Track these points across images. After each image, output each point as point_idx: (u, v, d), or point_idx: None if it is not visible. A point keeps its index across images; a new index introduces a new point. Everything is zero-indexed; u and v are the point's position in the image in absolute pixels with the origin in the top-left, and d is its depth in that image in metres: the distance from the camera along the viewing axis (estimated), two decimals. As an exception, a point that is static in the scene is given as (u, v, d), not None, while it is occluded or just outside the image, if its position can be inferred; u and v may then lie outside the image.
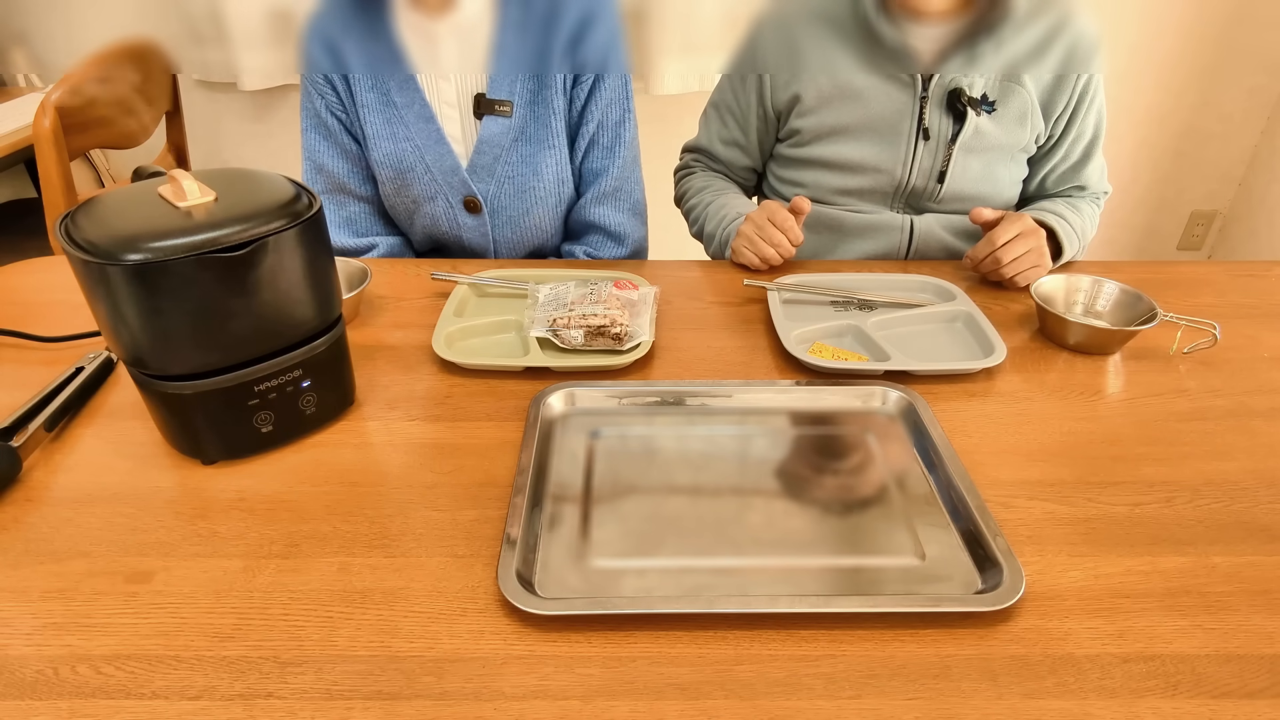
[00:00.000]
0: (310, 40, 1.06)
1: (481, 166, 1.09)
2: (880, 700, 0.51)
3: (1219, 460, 0.73)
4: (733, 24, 1.16)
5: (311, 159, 1.11)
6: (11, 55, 2.01)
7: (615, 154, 1.13)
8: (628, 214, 1.17)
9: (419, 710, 0.50)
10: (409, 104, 1.06)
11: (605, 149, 1.13)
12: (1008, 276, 1.00)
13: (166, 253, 0.59)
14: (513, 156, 1.09)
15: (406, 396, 0.80)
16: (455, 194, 1.10)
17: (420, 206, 1.12)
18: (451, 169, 1.08)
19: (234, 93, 2.14)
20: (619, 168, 1.14)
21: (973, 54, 1.03)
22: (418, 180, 1.09)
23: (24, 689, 0.51)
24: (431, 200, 1.11)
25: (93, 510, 0.66)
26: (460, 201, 1.11)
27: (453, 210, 1.12)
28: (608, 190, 1.14)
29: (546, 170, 1.10)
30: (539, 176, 1.10)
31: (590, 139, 1.12)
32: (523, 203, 1.12)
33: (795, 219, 1.03)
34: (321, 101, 1.07)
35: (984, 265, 1.01)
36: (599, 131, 1.12)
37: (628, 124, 1.13)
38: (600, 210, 1.15)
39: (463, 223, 1.13)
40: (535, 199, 1.12)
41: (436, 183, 1.09)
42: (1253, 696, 0.51)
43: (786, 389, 0.81)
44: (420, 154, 1.07)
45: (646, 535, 0.64)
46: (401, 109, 1.06)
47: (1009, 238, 0.98)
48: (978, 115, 1.04)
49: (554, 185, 1.12)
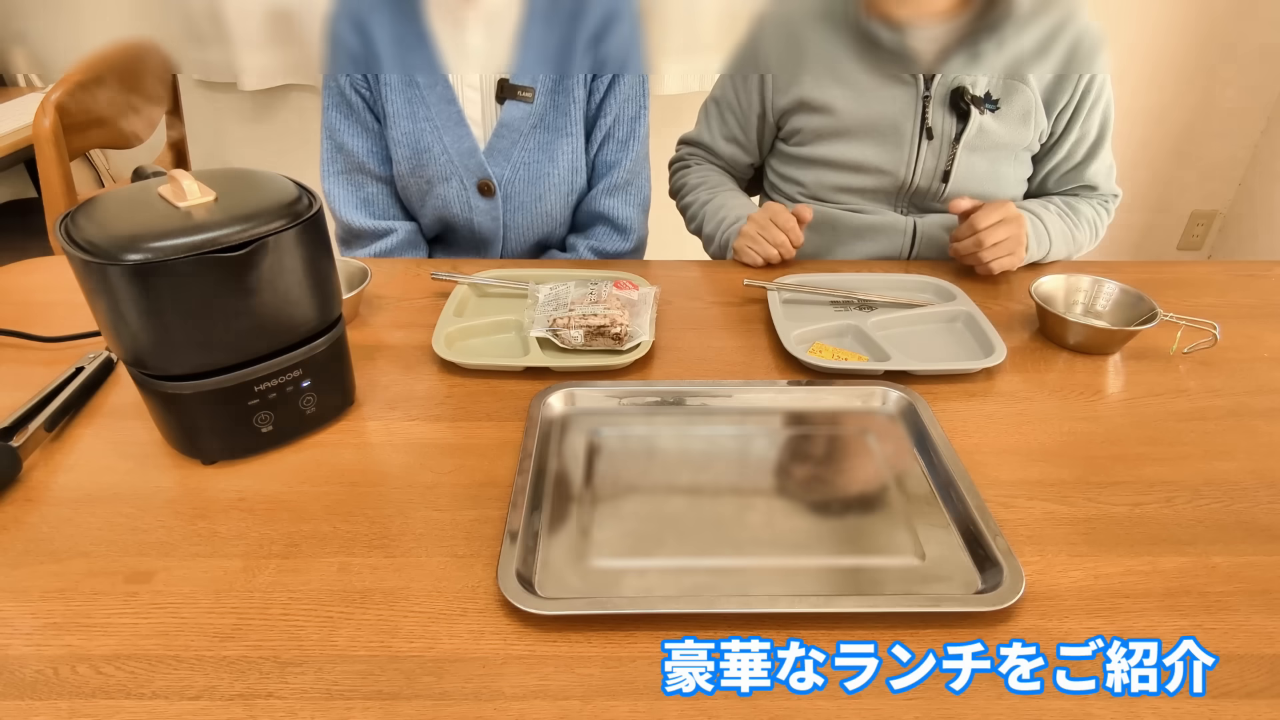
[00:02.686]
0: (338, 19, 1.07)
1: (499, 150, 1.10)
2: (880, 700, 0.51)
3: (1219, 460, 0.73)
4: (733, 23, 1.16)
5: (332, 137, 1.12)
6: (11, 55, 2.01)
7: (629, 148, 1.15)
8: (636, 208, 1.19)
9: (419, 710, 0.50)
10: (432, 85, 1.07)
11: (620, 143, 1.15)
12: (985, 261, 1.00)
13: (166, 253, 0.59)
14: (530, 142, 1.10)
15: (406, 396, 0.80)
16: (470, 176, 1.11)
17: (434, 188, 1.13)
18: (469, 151, 1.10)
19: (234, 93, 2.13)
20: (632, 161, 1.16)
21: (975, 53, 1.02)
22: (434, 161, 1.10)
23: (24, 689, 0.51)
24: (445, 181, 1.12)
25: (93, 510, 0.65)
26: (474, 184, 1.12)
27: (466, 193, 1.13)
28: (619, 183, 1.16)
29: (562, 158, 1.12)
30: (554, 163, 1.12)
31: (606, 132, 1.14)
32: (536, 189, 1.13)
33: (798, 223, 1.03)
34: (346, 79, 1.08)
35: (964, 247, 1.01)
36: (615, 125, 1.13)
37: (642, 119, 1.15)
38: (610, 202, 1.17)
39: (475, 206, 1.14)
40: (549, 185, 1.13)
41: (453, 164, 1.10)
42: (1253, 696, 0.51)
43: (786, 389, 0.81)
44: (439, 134, 1.09)
45: (646, 535, 0.64)
46: (424, 89, 1.08)
47: (991, 222, 0.98)
48: (981, 114, 1.04)
49: (568, 173, 1.13)
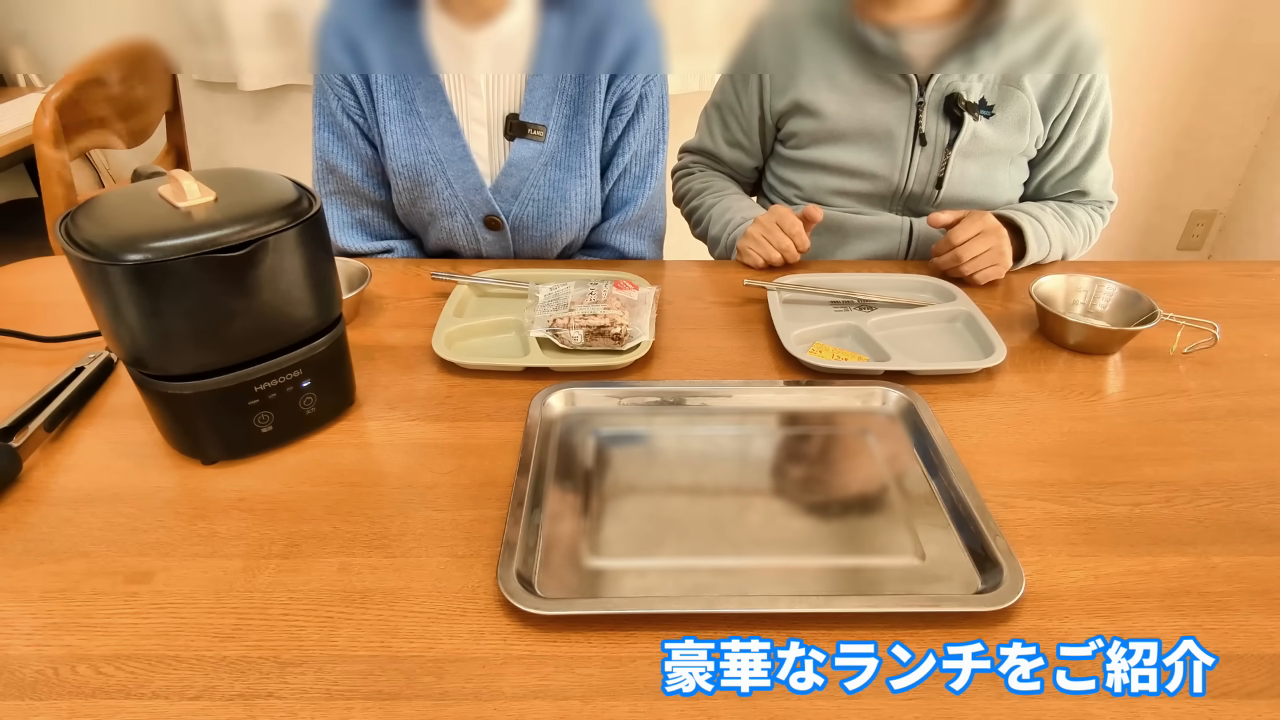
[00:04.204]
0: (327, 34, 0.99)
1: (507, 188, 1.04)
2: (880, 700, 0.51)
3: (1219, 460, 0.73)
4: (733, 24, 1.15)
5: (323, 159, 1.06)
6: (11, 55, 2.01)
7: (646, 184, 1.10)
8: (648, 241, 1.15)
9: (419, 710, 0.50)
10: (434, 116, 1.00)
11: (636, 179, 1.09)
12: (967, 274, 1.00)
13: (166, 253, 0.59)
14: (541, 180, 1.04)
15: (406, 396, 0.80)
16: (476, 212, 1.06)
17: (437, 220, 1.08)
18: (475, 187, 1.04)
19: (234, 93, 2.14)
20: (648, 199, 1.10)
21: (971, 58, 1.02)
22: (436, 195, 1.04)
23: (24, 689, 0.51)
24: (450, 215, 1.06)
25: (93, 510, 0.65)
26: (481, 219, 1.07)
27: (472, 226, 1.07)
28: (633, 219, 1.11)
29: (575, 198, 1.06)
30: (566, 203, 1.06)
31: (623, 169, 1.08)
32: (547, 226, 1.08)
33: (805, 226, 1.03)
34: (338, 102, 1.01)
35: (944, 262, 1.02)
36: (633, 162, 1.08)
37: (660, 154, 1.09)
38: (621, 237, 1.13)
39: (483, 238, 1.09)
40: (560, 223, 1.08)
41: (457, 199, 1.04)
42: (1253, 696, 0.51)
43: (786, 389, 0.81)
44: (442, 168, 1.02)
45: (646, 535, 0.64)
46: (425, 120, 1.00)
47: (968, 236, 0.98)
48: (975, 120, 1.04)
49: (581, 212, 1.08)
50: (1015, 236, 1.03)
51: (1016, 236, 1.03)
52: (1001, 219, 1.02)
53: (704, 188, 1.21)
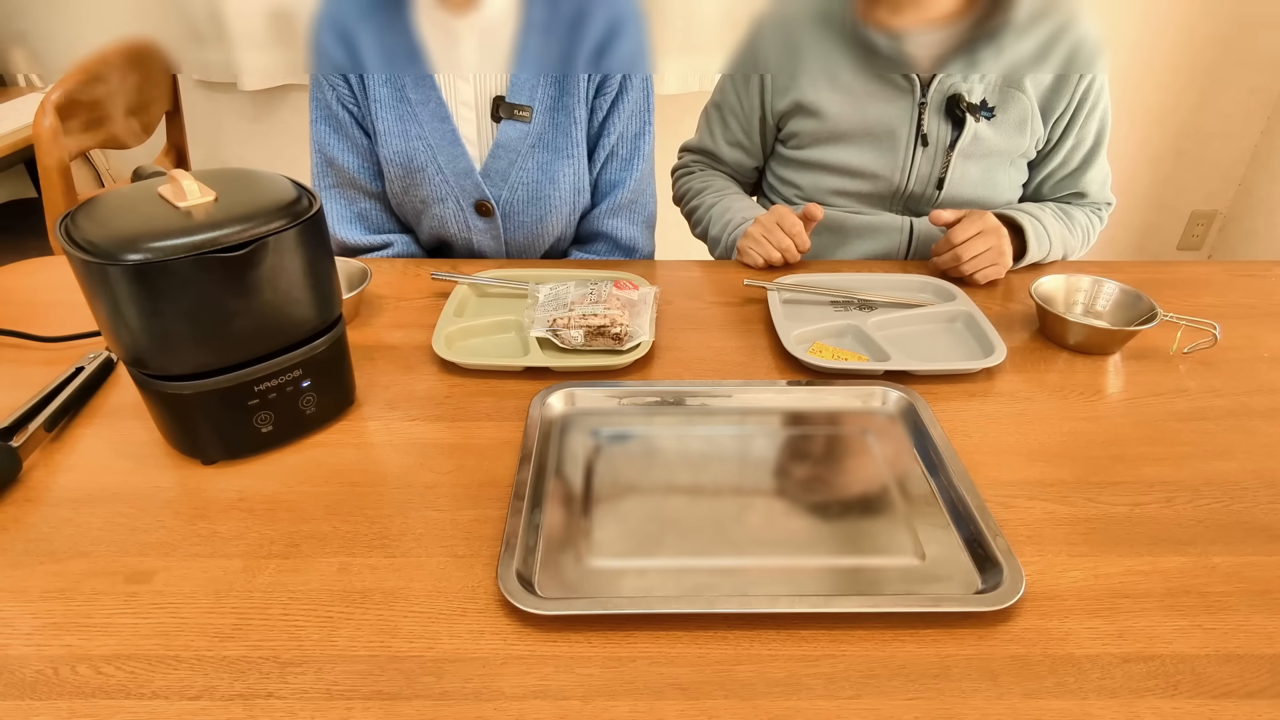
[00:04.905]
0: (321, 27, 1.02)
1: (496, 171, 1.06)
2: (880, 700, 0.51)
3: (1219, 460, 0.73)
4: (733, 24, 1.15)
5: (321, 152, 1.08)
6: (11, 55, 2.01)
7: (633, 167, 1.11)
8: (640, 226, 1.15)
9: (419, 710, 0.50)
10: (424, 101, 1.03)
11: (623, 161, 1.11)
12: (967, 274, 1.01)
13: (166, 253, 0.59)
14: (529, 163, 1.06)
15: (406, 396, 0.80)
16: (467, 197, 1.07)
17: (429, 208, 1.09)
18: (465, 171, 1.05)
19: (234, 93, 2.14)
20: (636, 181, 1.11)
21: (973, 59, 1.02)
22: (428, 181, 1.06)
23: (24, 689, 0.51)
24: (441, 202, 1.08)
25: (93, 510, 0.65)
26: (471, 205, 1.08)
27: (463, 213, 1.09)
28: (623, 203, 1.12)
29: (563, 179, 1.08)
30: (555, 185, 1.08)
31: (610, 151, 1.09)
32: (537, 209, 1.09)
33: (805, 225, 1.03)
34: (333, 93, 1.04)
35: (944, 262, 1.02)
36: (619, 144, 1.09)
37: (646, 136, 1.11)
38: (613, 223, 1.13)
39: (474, 225, 1.10)
40: (550, 206, 1.09)
41: (448, 184, 1.06)
42: (1253, 696, 0.52)
43: (786, 389, 0.81)
44: (433, 154, 1.04)
45: (646, 535, 0.64)
46: (416, 106, 1.03)
47: (968, 236, 0.98)
48: (976, 121, 1.04)
49: (570, 194, 1.09)
50: (1015, 236, 1.03)
51: (1017, 236, 1.03)
52: (1002, 218, 1.02)
53: (704, 187, 1.21)
